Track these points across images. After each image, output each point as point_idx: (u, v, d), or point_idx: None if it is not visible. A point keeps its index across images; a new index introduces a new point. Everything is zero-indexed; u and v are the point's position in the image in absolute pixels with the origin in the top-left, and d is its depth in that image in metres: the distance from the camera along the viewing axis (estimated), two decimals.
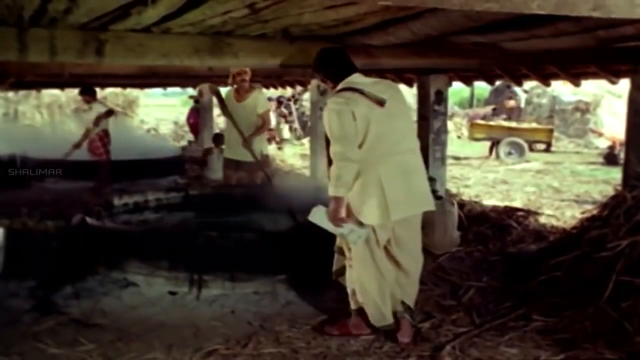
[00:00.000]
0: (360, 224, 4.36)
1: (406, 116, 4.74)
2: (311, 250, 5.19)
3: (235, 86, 7.84)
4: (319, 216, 4.36)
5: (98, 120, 10.46)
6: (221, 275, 5.39)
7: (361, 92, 4.36)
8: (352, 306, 4.67)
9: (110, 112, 10.97)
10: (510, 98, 23.69)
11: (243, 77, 7.62)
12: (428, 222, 6.68)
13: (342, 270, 4.74)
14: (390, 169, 4.40)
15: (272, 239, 5.75)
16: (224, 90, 8.45)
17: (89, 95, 10.76)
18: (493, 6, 2.59)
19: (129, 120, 24.00)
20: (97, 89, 11.54)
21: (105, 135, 10.67)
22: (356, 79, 4.51)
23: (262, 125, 7.76)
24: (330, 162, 4.43)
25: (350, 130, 4.29)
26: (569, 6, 2.66)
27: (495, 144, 18.06)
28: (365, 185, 4.36)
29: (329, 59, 4.68)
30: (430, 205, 4.74)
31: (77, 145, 10.50)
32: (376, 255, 4.47)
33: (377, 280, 4.47)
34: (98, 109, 10.72)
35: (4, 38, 4.92)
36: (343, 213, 4.32)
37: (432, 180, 7.45)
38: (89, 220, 5.72)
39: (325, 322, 4.82)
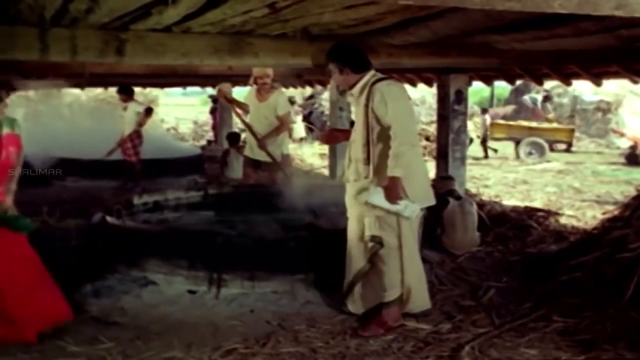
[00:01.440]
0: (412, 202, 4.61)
1: None
2: (330, 250, 5.18)
3: (256, 86, 7.85)
4: (377, 197, 4.51)
5: (143, 120, 10.60)
6: (240, 275, 5.40)
7: None
8: (387, 298, 4.73)
9: (149, 110, 11.05)
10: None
11: (265, 80, 7.64)
12: (449, 223, 6.68)
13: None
14: (421, 158, 4.89)
15: (291, 239, 5.74)
16: (245, 90, 8.47)
17: (125, 94, 10.85)
18: (514, 5, 2.57)
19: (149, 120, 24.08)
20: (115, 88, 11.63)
21: (137, 137, 10.74)
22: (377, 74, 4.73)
23: (279, 126, 7.76)
24: (367, 156, 4.66)
25: (412, 115, 4.76)
26: (591, 5, 2.63)
27: (484, 141, 18.15)
28: (412, 168, 4.61)
29: (352, 50, 4.84)
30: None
31: (120, 144, 10.63)
32: (414, 241, 4.77)
33: (419, 265, 4.84)
34: (134, 108, 10.80)
35: (26, 38, 4.95)
36: (400, 192, 4.49)
37: (450, 179, 7.45)
38: (109, 219, 5.75)
39: (358, 328, 4.76)
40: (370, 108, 4.58)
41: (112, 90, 14.68)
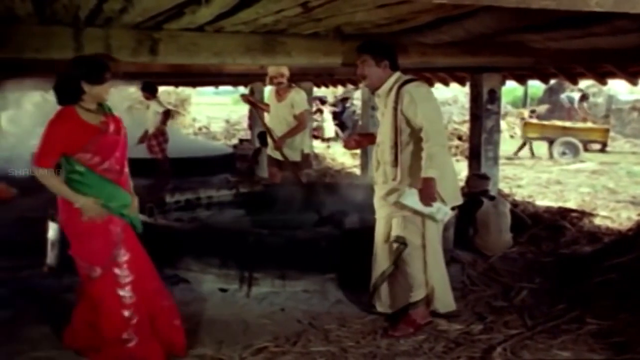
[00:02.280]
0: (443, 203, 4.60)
1: None
2: (360, 249, 5.17)
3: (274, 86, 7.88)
4: (410, 199, 4.48)
5: (165, 120, 10.69)
6: (271, 273, 5.42)
7: None
8: (414, 298, 4.73)
9: (167, 113, 11.10)
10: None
11: (280, 79, 7.64)
12: (482, 224, 6.63)
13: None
14: (450, 158, 4.92)
15: (321, 238, 5.73)
16: (267, 89, 8.51)
17: (149, 92, 10.93)
18: (549, 4, 2.53)
19: (181, 119, 24.28)
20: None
21: (160, 134, 10.81)
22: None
23: (296, 125, 7.73)
24: (394, 158, 4.62)
25: (441, 115, 4.74)
26: (629, 3, 2.59)
27: (525, 143, 17.94)
28: (444, 169, 4.58)
29: (390, 46, 4.82)
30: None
31: (142, 140, 10.70)
32: (438, 241, 4.78)
33: (443, 265, 4.85)
34: (154, 108, 10.87)
35: (60, 37, 5.01)
36: (434, 193, 4.45)
37: (486, 178, 7.39)
38: (141, 217, 5.78)
39: (388, 328, 4.75)
40: (399, 110, 4.55)
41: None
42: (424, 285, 4.74)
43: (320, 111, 21.27)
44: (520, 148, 18.17)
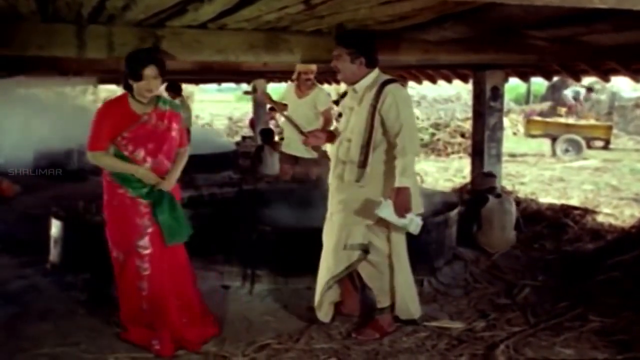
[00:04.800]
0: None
1: None
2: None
3: (296, 82, 7.85)
4: (386, 210, 4.27)
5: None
6: (273, 270, 5.42)
7: None
8: (383, 304, 4.65)
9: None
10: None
11: (309, 75, 7.64)
12: (486, 221, 6.62)
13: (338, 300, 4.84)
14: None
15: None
16: (282, 86, 8.49)
17: (174, 91, 10.94)
18: (553, 1, 2.53)
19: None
20: None
21: None
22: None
23: (324, 123, 7.72)
24: (364, 159, 4.37)
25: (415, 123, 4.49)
26: (631, 0, 2.59)
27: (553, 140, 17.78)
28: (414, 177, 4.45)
29: (371, 41, 4.58)
30: None
31: None
32: (404, 248, 4.62)
33: (409, 271, 4.65)
34: None
35: (63, 35, 5.02)
36: (409, 203, 4.28)
37: (492, 176, 7.39)
38: None
39: (356, 330, 4.68)
40: (377, 109, 4.31)
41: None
42: (390, 292, 4.62)
43: None
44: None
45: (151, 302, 4.29)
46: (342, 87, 20.20)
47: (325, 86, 16.64)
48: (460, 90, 22.42)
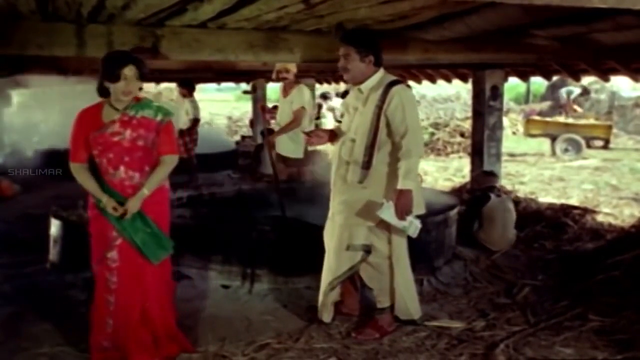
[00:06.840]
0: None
1: None
2: None
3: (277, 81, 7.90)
4: (387, 212, 4.25)
5: (193, 127, 10.64)
6: (273, 270, 5.42)
7: None
8: (383, 305, 4.66)
9: (196, 121, 11.03)
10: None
11: (284, 74, 7.63)
12: (488, 219, 6.63)
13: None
14: None
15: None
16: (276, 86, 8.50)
17: (186, 89, 10.89)
18: (553, 0, 2.53)
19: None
20: (152, 84, 11.59)
21: (188, 135, 10.70)
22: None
23: (290, 122, 7.66)
24: (368, 160, 4.34)
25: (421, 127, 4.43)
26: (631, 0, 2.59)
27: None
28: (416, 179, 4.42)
29: (377, 40, 4.54)
30: None
31: None
32: (405, 248, 4.61)
33: (409, 272, 4.66)
34: (186, 107, 10.78)
35: (63, 34, 5.03)
36: (411, 206, 4.27)
37: (493, 175, 7.39)
38: None
39: (356, 329, 4.68)
40: (383, 110, 4.27)
41: (147, 86, 14.74)
42: (390, 293, 4.63)
43: (319, 106, 21.26)
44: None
45: (116, 318, 4.08)
46: (342, 86, 20.17)
47: (325, 85, 16.67)
48: (460, 90, 22.43)
